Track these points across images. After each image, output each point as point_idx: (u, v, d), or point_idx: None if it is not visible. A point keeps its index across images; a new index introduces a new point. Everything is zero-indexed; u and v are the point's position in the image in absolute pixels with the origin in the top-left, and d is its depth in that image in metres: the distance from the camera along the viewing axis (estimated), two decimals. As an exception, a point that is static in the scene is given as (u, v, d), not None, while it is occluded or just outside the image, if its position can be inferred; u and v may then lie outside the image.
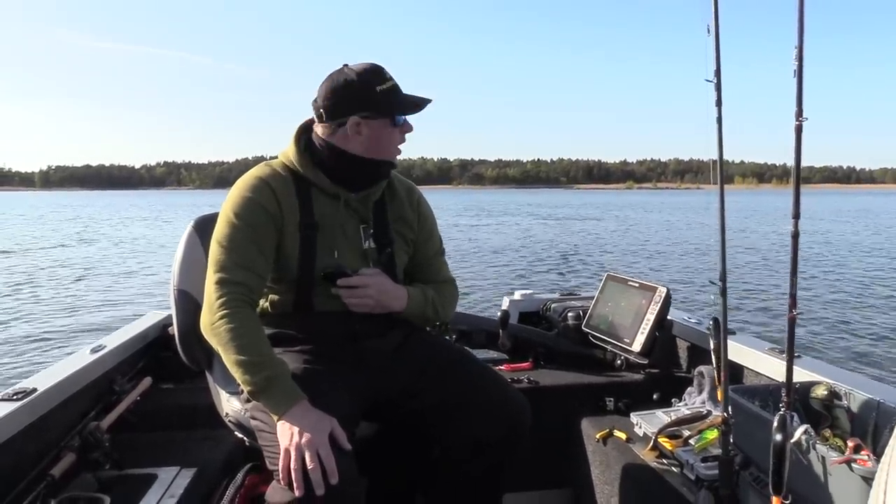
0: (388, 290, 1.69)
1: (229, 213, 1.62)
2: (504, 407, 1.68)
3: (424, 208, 1.88)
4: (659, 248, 19.61)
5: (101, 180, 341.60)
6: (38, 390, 1.85)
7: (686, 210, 50.48)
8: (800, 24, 1.27)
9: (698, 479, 1.75)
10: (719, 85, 1.49)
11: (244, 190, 1.64)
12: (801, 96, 1.29)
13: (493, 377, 1.77)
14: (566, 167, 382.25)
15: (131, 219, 40.87)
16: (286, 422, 1.42)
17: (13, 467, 1.70)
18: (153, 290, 11.42)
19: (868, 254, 17.87)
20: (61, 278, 13.35)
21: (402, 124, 1.69)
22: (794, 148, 1.31)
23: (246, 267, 1.57)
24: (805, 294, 10.37)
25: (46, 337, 7.89)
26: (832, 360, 5.90)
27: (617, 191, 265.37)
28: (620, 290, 2.70)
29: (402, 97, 1.67)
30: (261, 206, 1.61)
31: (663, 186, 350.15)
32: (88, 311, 9.66)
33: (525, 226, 31.40)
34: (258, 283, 1.61)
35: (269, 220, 1.62)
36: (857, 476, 1.31)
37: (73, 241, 23.34)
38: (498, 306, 3.18)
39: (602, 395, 2.39)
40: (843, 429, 1.63)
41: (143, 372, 2.53)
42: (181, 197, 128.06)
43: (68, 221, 37.50)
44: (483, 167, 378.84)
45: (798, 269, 1.38)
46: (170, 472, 1.94)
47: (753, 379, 2.21)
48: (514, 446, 1.69)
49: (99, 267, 15.36)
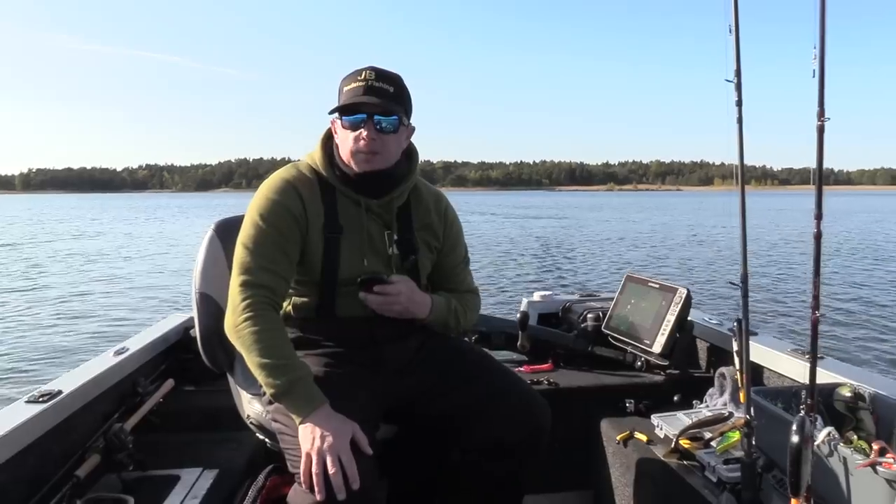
0: (416, 299, 1.69)
1: (255, 216, 1.62)
2: (526, 411, 1.68)
3: (451, 217, 1.86)
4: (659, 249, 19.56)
5: (83, 183, 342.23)
6: (63, 392, 1.87)
7: (666, 211, 50.54)
8: (821, 25, 1.25)
9: (720, 481, 1.74)
10: (739, 85, 1.47)
11: (270, 192, 1.65)
12: (823, 97, 1.28)
13: (515, 380, 1.76)
14: (549, 169, 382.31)
15: (139, 221, 41.37)
16: (308, 425, 1.43)
17: (39, 468, 1.72)
18: (175, 292, 11.52)
19: (891, 254, 17.64)
20: (85, 281, 13.52)
21: (354, 127, 1.61)
22: (816, 148, 1.30)
23: (270, 270, 1.58)
24: (828, 294, 10.26)
25: (71, 339, 8.00)
26: (856, 362, 5.83)
27: (598, 192, 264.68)
28: (640, 291, 2.69)
29: (355, 97, 1.60)
30: (286, 208, 1.62)
31: (643, 188, 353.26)
32: (112, 314, 9.77)
33: (529, 227, 31.46)
34: (282, 286, 1.62)
35: (294, 223, 1.62)
36: (881, 479, 1.29)
37: (90, 243, 23.60)
38: (517, 307, 3.18)
39: (622, 396, 2.38)
40: (868, 431, 1.61)
41: (166, 374, 2.55)
42: (165, 199, 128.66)
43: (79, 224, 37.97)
44: (466, 169, 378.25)
45: (821, 270, 1.37)
46: (192, 474, 1.96)
47: (776, 380, 2.19)
48: (534, 450, 1.69)
49: (120, 270, 15.53)
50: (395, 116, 1.62)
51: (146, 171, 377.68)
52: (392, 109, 1.61)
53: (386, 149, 1.64)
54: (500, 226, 31.72)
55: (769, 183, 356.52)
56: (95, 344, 7.38)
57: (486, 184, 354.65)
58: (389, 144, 1.64)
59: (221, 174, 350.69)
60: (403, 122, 1.66)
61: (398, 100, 1.63)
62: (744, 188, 1.49)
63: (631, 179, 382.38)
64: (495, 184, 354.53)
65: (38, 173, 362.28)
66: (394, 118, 1.62)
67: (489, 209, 54.28)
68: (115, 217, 47.49)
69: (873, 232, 25.94)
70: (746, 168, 1.55)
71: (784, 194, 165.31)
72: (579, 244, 21.34)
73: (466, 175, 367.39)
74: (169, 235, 27.71)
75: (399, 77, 1.67)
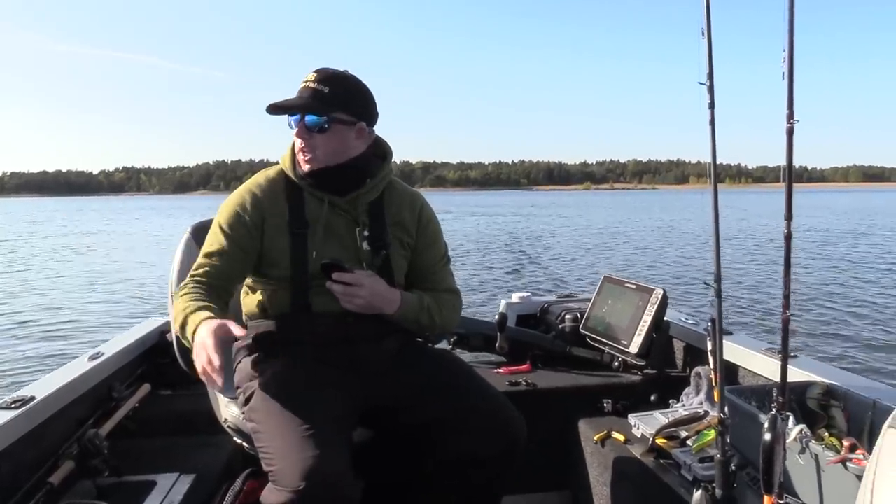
0: (381, 292, 1.69)
1: (216, 225, 1.74)
2: (502, 424, 1.67)
3: (427, 215, 1.88)
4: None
5: (59, 186, 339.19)
6: (37, 398, 1.85)
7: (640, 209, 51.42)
8: (790, 27, 1.27)
9: (695, 479, 1.76)
10: (712, 88, 1.49)
11: (232, 202, 1.75)
12: (792, 98, 1.30)
13: (492, 393, 1.76)
14: (527, 169, 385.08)
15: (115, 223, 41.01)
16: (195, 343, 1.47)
17: (12, 475, 1.70)
18: (151, 295, 11.40)
19: (862, 252, 17.92)
20: (59, 285, 13.33)
21: (292, 127, 1.69)
22: (785, 150, 1.32)
23: (219, 271, 1.68)
24: (800, 293, 10.40)
25: (44, 345, 7.88)
26: (829, 360, 5.92)
27: (575, 192, 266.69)
28: (617, 292, 2.71)
29: (289, 99, 1.67)
30: (241, 217, 1.71)
31: (620, 187, 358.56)
32: (86, 318, 9.64)
33: (508, 227, 31.62)
34: (226, 284, 1.71)
35: (247, 231, 1.70)
36: (852, 475, 1.31)
37: (66, 247, 23.29)
38: (495, 309, 3.19)
39: (600, 396, 2.40)
40: (840, 429, 1.64)
41: (142, 378, 2.53)
42: (141, 202, 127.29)
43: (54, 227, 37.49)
44: (445, 170, 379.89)
45: (791, 270, 1.39)
46: (169, 479, 1.94)
47: (750, 379, 2.22)
48: (509, 462, 1.69)
49: (96, 273, 15.34)
50: (324, 116, 1.65)
51: (123, 174, 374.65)
52: (317, 108, 1.65)
53: (317, 148, 1.68)
54: (477, 227, 31.80)
55: (743, 181, 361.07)
56: (70, 348, 7.28)
57: (465, 184, 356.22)
58: (318, 143, 1.68)
59: (199, 176, 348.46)
60: (342, 121, 1.68)
61: (331, 99, 1.65)
62: (716, 189, 1.50)
63: (608, 178, 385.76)
64: (474, 184, 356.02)
65: (13, 177, 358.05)
66: (319, 118, 1.65)
67: (469, 209, 54.56)
68: (90, 220, 47.03)
69: (845, 231, 26.33)
70: (721, 166, 1.57)
71: (758, 192, 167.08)
72: (556, 245, 21.44)
73: (445, 175, 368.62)
74: (145, 238, 27.44)
75: (343, 77, 1.70)
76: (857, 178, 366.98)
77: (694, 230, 26.81)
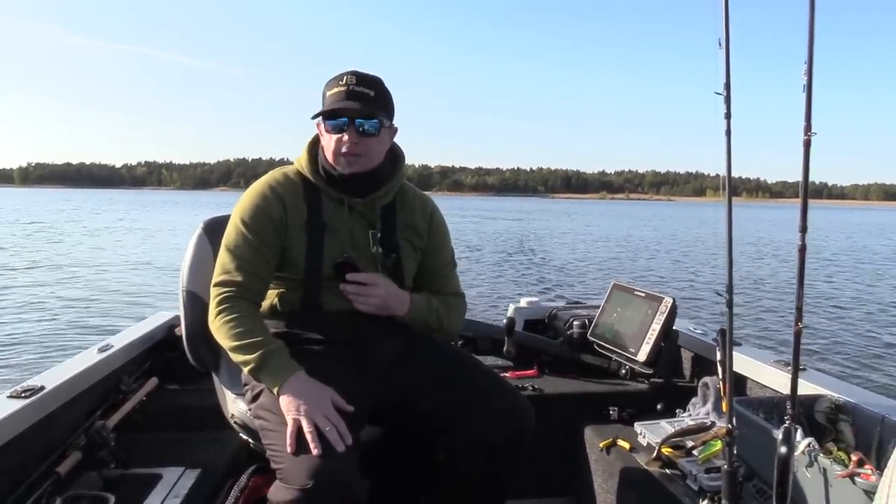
0: (394, 294, 1.72)
1: (237, 220, 1.71)
2: (510, 411, 1.69)
3: (437, 219, 1.90)
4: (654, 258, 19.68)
5: (82, 178, 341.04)
6: (46, 388, 1.86)
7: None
8: (810, 39, 1.27)
9: (701, 489, 1.75)
10: (729, 98, 1.49)
11: (254, 197, 1.72)
12: (811, 111, 1.30)
13: (499, 381, 1.78)
14: (545, 176, 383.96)
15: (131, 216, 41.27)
16: (288, 394, 1.48)
17: (20, 464, 1.71)
18: (162, 290, 11.45)
19: (879, 268, 17.82)
20: (71, 277, 13.40)
21: (337, 130, 1.67)
22: (802, 163, 1.32)
23: (247, 270, 1.66)
24: (812, 306, 10.35)
25: (54, 335, 7.93)
26: (838, 374, 5.88)
27: (590, 200, 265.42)
28: (626, 300, 2.71)
29: (337, 102, 1.65)
30: (266, 213, 1.70)
31: (636, 197, 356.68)
32: (97, 311, 9.69)
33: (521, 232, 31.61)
34: (259, 285, 1.69)
35: (272, 227, 1.69)
36: (859, 490, 1.31)
37: (78, 239, 23.41)
38: (504, 313, 3.19)
39: (606, 404, 2.40)
40: (847, 443, 1.63)
41: (150, 372, 2.54)
42: (162, 196, 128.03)
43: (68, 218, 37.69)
44: (463, 174, 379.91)
45: (804, 282, 1.38)
46: (174, 473, 1.95)
47: (758, 391, 2.21)
48: (518, 450, 1.70)
49: (107, 266, 15.40)
50: (377, 119, 1.68)
51: (145, 168, 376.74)
52: (373, 113, 1.66)
53: (369, 151, 1.69)
54: (490, 231, 31.81)
55: (760, 195, 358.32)
56: (79, 340, 7.32)
57: (482, 189, 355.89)
58: (372, 147, 1.70)
59: (220, 173, 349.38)
60: (384, 125, 1.71)
61: (379, 103, 1.68)
62: (730, 200, 1.50)
63: (626, 188, 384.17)
64: (491, 189, 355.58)
65: (37, 168, 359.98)
66: (375, 121, 1.68)
67: (485, 214, 54.55)
68: (109, 211, 47.31)
69: (861, 247, 26.17)
70: (739, 180, 1.58)
71: (775, 207, 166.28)
72: (568, 252, 21.42)
73: (463, 180, 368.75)
74: (159, 232, 27.54)
75: (379, 80, 1.72)
76: (879, 196, 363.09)
77: (705, 240, 26.71)
